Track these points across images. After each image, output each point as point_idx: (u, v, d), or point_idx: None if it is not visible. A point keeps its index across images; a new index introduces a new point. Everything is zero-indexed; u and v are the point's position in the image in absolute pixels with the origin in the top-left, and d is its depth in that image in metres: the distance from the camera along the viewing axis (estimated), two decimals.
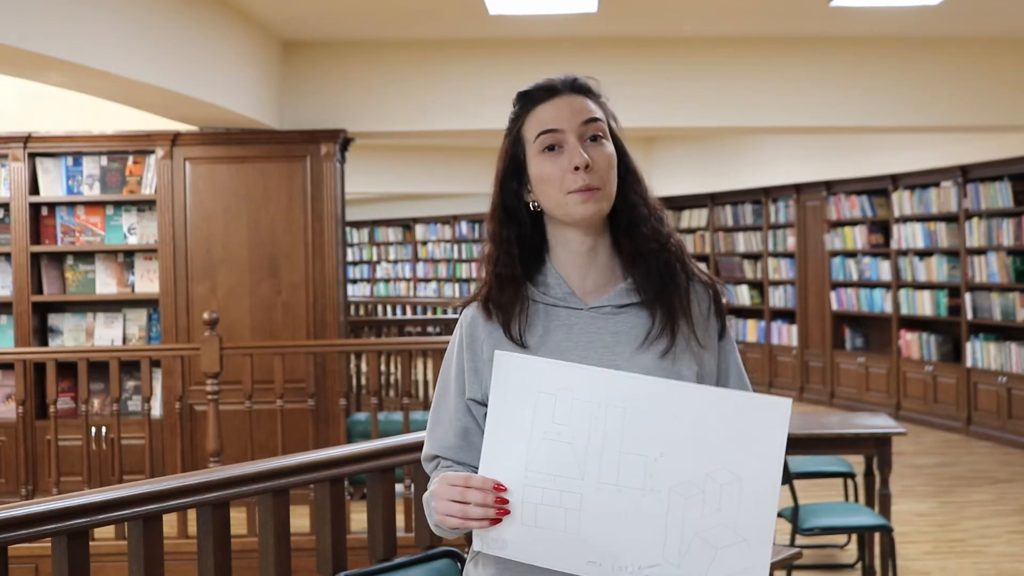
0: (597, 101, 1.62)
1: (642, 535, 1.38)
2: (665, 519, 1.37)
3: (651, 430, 1.38)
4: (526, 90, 1.62)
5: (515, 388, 1.43)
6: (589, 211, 1.55)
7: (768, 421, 1.36)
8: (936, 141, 8.72)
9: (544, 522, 1.41)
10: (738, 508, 1.36)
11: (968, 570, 5.17)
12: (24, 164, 6.34)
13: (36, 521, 2.22)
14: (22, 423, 5.60)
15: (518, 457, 1.42)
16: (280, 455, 3.57)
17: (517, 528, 1.43)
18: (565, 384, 1.41)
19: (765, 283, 11.19)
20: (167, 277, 6.39)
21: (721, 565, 1.36)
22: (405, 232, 16.15)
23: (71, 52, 4.10)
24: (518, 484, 1.42)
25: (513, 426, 1.43)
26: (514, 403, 1.43)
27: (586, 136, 1.56)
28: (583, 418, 1.40)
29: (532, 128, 1.58)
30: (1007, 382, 8.21)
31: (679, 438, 1.37)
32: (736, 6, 6.07)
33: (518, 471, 1.42)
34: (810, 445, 4.84)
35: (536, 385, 1.42)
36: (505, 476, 1.43)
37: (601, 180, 1.55)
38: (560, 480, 1.40)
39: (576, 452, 1.40)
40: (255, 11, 5.89)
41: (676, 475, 1.37)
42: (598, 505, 1.39)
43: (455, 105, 6.74)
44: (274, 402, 5.21)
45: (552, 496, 1.40)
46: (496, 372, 1.45)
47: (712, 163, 11.34)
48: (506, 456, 1.43)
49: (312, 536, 4.66)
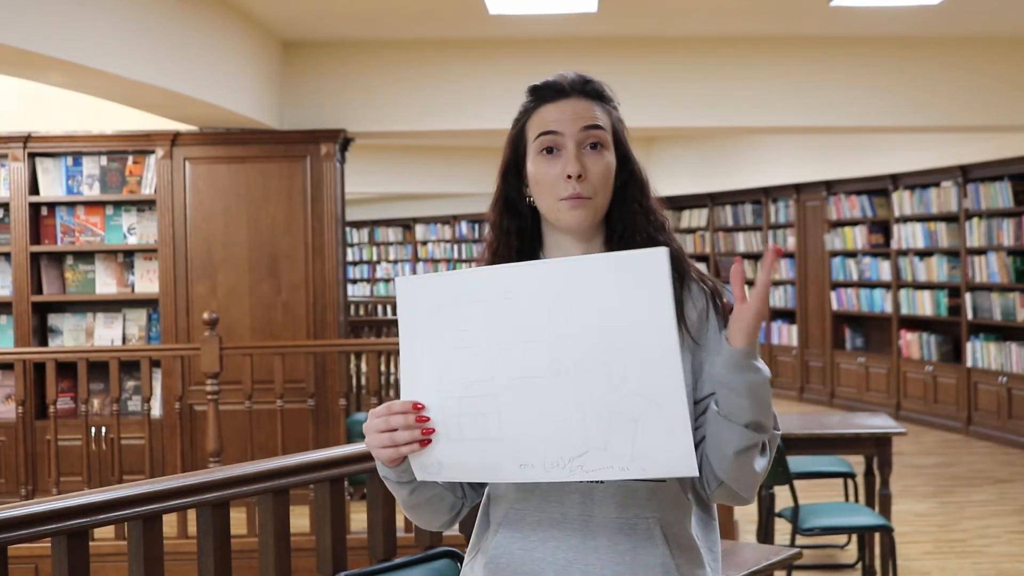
0: (605, 106, 1.60)
1: (563, 425, 1.37)
2: (579, 402, 1.36)
3: (542, 314, 1.38)
4: (537, 85, 1.61)
5: (418, 309, 1.44)
6: (577, 219, 1.54)
7: (649, 274, 1.34)
8: (936, 141, 8.72)
9: (469, 433, 1.41)
10: (644, 372, 1.34)
11: (968, 570, 5.17)
12: (24, 164, 6.34)
13: (36, 521, 2.21)
14: (22, 423, 5.60)
15: (432, 375, 1.43)
16: (280, 455, 3.57)
17: (445, 446, 1.43)
18: (460, 291, 1.42)
19: None
20: (167, 277, 6.39)
21: (644, 436, 1.35)
22: (405, 232, 16.16)
23: (71, 52, 4.10)
24: (436, 401, 1.43)
25: (423, 346, 1.44)
26: (420, 324, 1.44)
27: (586, 143, 1.55)
28: (480, 319, 1.40)
29: (535, 126, 1.58)
30: (1007, 382, 8.21)
31: (570, 314, 1.37)
32: (736, 6, 6.07)
33: (434, 388, 1.43)
34: (810, 445, 4.84)
35: (436, 300, 1.43)
36: (423, 396, 1.44)
37: (593, 190, 1.54)
38: (473, 386, 1.41)
39: (481, 355, 1.40)
40: (255, 11, 5.89)
41: (578, 353, 1.36)
42: (513, 403, 1.39)
43: (455, 105, 6.74)
44: (274, 402, 5.21)
45: (469, 404, 1.41)
46: (399, 299, 1.46)
47: (712, 163, 11.34)
48: (421, 377, 1.44)
49: (312, 536, 4.66)
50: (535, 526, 1.53)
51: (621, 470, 1.36)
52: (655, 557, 1.50)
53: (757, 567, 3.13)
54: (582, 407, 1.36)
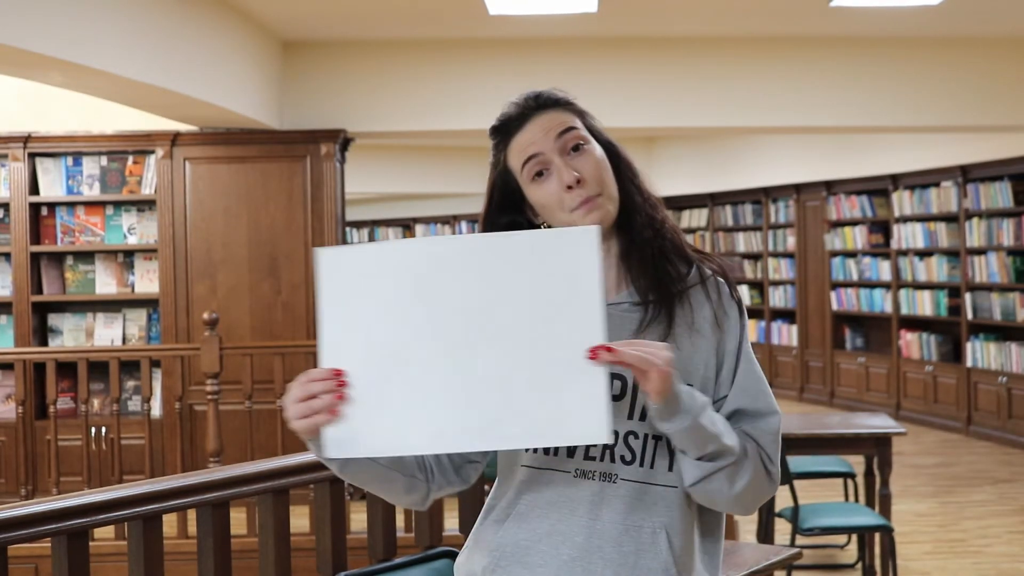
0: (567, 108, 1.60)
1: (481, 392, 1.39)
2: (502, 369, 1.38)
3: (473, 285, 1.39)
4: (496, 125, 1.60)
5: (342, 279, 1.44)
6: (596, 221, 1.53)
7: (578, 251, 1.38)
8: (936, 141, 8.72)
9: (389, 402, 1.41)
10: (567, 343, 1.37)
11: (968, 570, 5.17)
12: (24, 164, 6.34)
13: (36, 521, 2.22)
14: (22, 423, 5.60)
15: (354, 343, 1.43)
16: (280, 455, 3.57)
17: (364, 417, 1.42)
18: (386, 262, 1.43)
19: (765, 283, 11.19)
20: (167, 277, 6.39)
21: (562, 403, 1.37)
22: (405, 232, 16.15)
23: (71, 52, 4.10)
24: (359, 370, 1.42)
25: (345, 316, 1.44)
26: (343, 294, 1.44)
27: (567, 149, 1.54)
28: (408, 290, 1.41)
29: (515, 158, 1.57)
30: (1007, 382, 8.21)
31: (499, 286, 1.39)
32: (736, 6, 6.07)
33: (357, 358, 1.43)
34: (810, 445, 4.83)
35: (359, 270, 1.43)
36: (345, 364, 1.43)
37: (598, 185, 1.54)
38: (397, 354, 1.41)
39: (409, 322, 1.41)
40: (255, 11, 5.89)
41: (504, 323, 1.39)
42: (437, 372, 1.40)
43: (455, 105, 6.74)
44: (274, 402, 5.20)
45: (392, 373, 1.41)
46: (320, 270, 1.45)
47: (712, 163, 11.34)
48: (343, 346, 1.44)
49: (312, 536, 4.65)
50: (542, 520, 1.53)
51: (537, 436, 1.38)
52: (658, 563, 1.51)
53: (757, 567, 3.13)
54: (504, 374, 1.38)
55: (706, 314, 1.57)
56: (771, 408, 1.57)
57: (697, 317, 1.56)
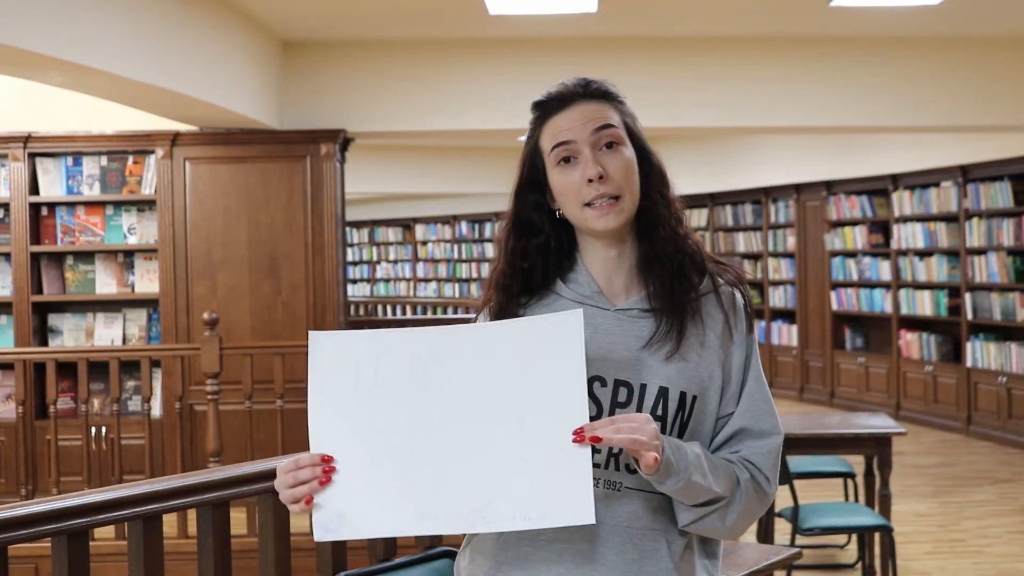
0: (613, 104, 1.59)
1: (469, 475, 1.41)
2: (488, 453, 1.41)
3: (463, 371, 1.43)
4: (541, 100, 1.60)
5: (334, 364, 1.47)
6: (607, 225, 1.53)
7: (564, 335, 1.42)
8: (936, 141, 8.72)
9: (377, 485, 1.44)
10: (555, 427, 1.40)
11: (968, 570, 5.17)
12: (24, 164, 6.34)
13: (36, 521, 2.22)
14: (22, 423, 5.60)
15: (345, 428, 1.46)
16: (280, 455, 3.57)
17: (351, 497, 1.45)
18: (382, 348, 1.46)
19: (765, 283, 11.19)
20: (167, 277, 6.39)
21: (548, 484, 1.39)
22: (405, 232, 16.16)
23: (71, 52, 4.10)
24: (347, 452, 1.45)
25: (336, 401, 1.46)
26: (333, 378, 1.47)
27: (600, 144, 1.54)
28: (400, 376, 1.45)
29: (547, 139, 1.57)
30: (1007, 382, 8.21)
31: (488, 373, 1.43)
32: (736, 6, 6.07)
33: (347, 440, 1.45)
34: (810, 445, 4.83)
35: (354, 356, 1.46)
36: (334, 448, 1.45)
37: (618, 188, 1.53)
38: (387, 438, 1.44)
39: (398, 408, 1.44)
40: (255, 11, 5.89)
41: (495, 409, 1.42)
42: (426, 454, 1.43)
43: (455, 105, 6.74)
44: (274, 402, 5.21)
45: (381, 455, 1.44)
46: (312, 353, 1.47)
47: (712, 163, 11.34)
48: (333, 430, 1.46)
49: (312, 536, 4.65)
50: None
51: (523, 519, 1.40)
52: (660, 568, 1.51)
53: (757, 567, 3.13)
54: (491, 457, 1.41)
55: (716, 327, 1.57)
56: (775, 429, 1.57)
57: (707, 329, 1.56)
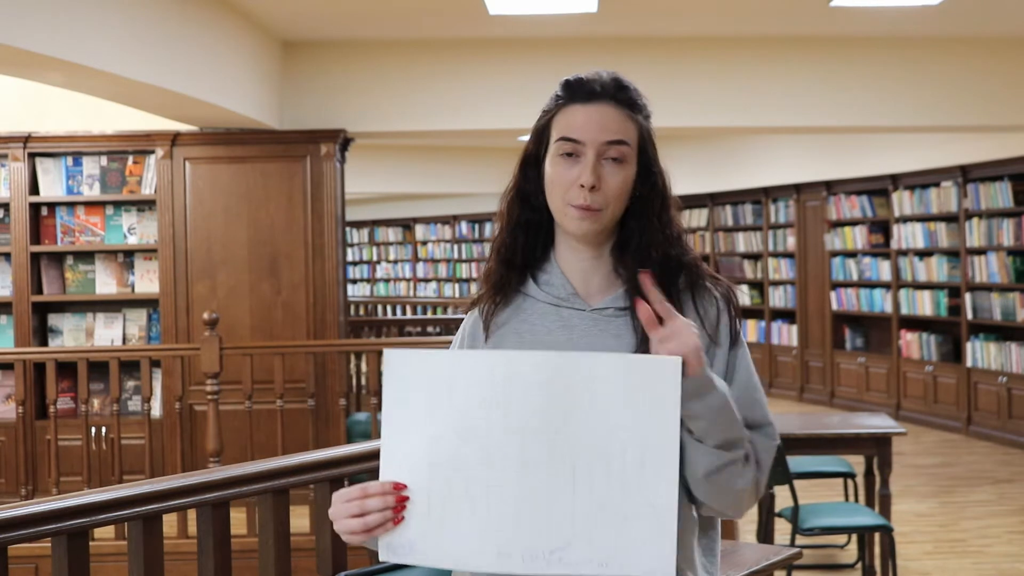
0: (635, 116, 1.57)
1: (550, 515, 1.36)
2: (572, 494, 1.36)
3: (549, 404, 1.37)
4: (570, 81, 1.58)
5: (409, 384, 1.41)
6: (583, 229, 1.53)
7: (661, 381, 1.35)
8: (936, 141, 8.72)
9: (452, 515, 1.38)
10: (641, 473, 1.35)
11: (968, 570, 5.17)
12: (24, 164, 6.34)
13: (36, 521, 2.21)
14: (22, 423, 5.60)
15: (420, 453, 1.40)
16: (280, 455, 3.57)
17: (424, 527, 1.39)
18: (459, 371, 1.39)
19: (765, 283, 11.19)
20: (167, 277, 6.39)
21: (631, 534, 1.35)
22: (405, 232, 16.15)
23: (71, 52, 4.10)
24: (422, 479, 1.39)
25: (411, 423, 1.41)
26: (410, 398, 1.41)
27: (607, 155, 1.53)
28: (481, 402, 1.38)
29: (559, 127, 1.55)
30: (1007, 382, 8.21)
31: (577, 408, 1.36)
32: (736, 6, 6.07)
33: (421, 467, 1.39)
34: (810, 445, 4.83)
35: (430, 377, 1.40)
36: (408, 475, 1.40)
37: (604, 202, 1.52)
38: (465, 468, 1.38)
39: (478, 437, 1.38)
40: (255, 11, 5.89)
41: (578, 446, 1.36)
42: (504, 488, 1.37)
43: (455, 105, 6.74)
44: (274, 402, 5.21)
45: (458, 487, 1.38)
46: (387, 371, 1.42)
47: (712, 163, 11.34)
48: (407, 455, 1.40)
49: (312, 536, 4.65)
50: None
51: (600, 565, 1.36)
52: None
53: (757, 567, 3.12)
54: (574, 499, 1.36)
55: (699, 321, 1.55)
56: (766, 419, 1.56)
57: (708, 314, 1.56)
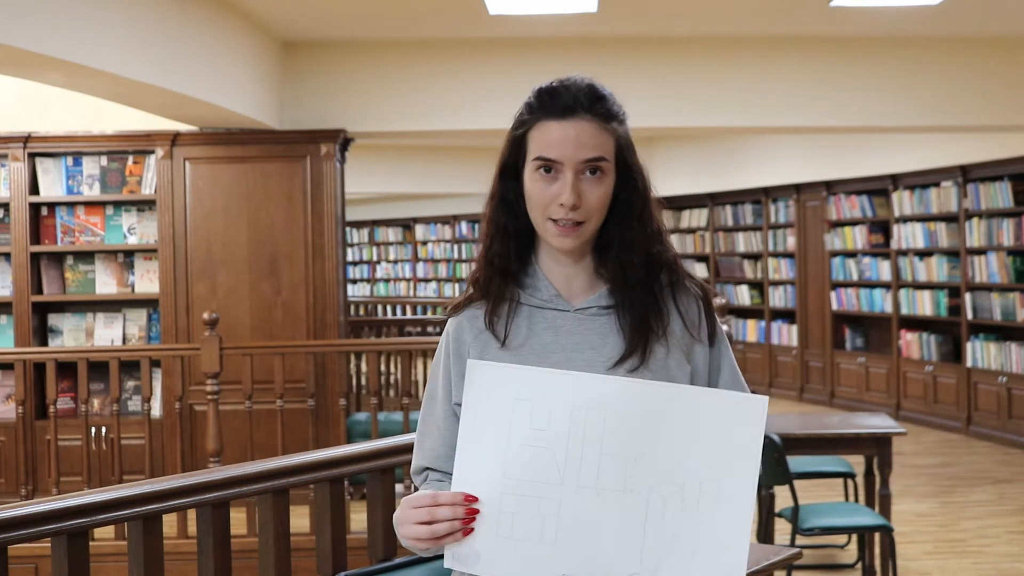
0: (611, 126, 1.53)
1: (620, 541, 1.36)
2: (644, 522, 1.36)
3: (629, 431, 1.37)
4: (542, 93, 1.54)
5: (489, 396, 1.41)
6: (566, 245, 1.53)
7: (745, 419, 1.35)
8: (936, 141, 8.72)
9: (521, 532, 1.38)
10: (715, 508, 1.35)
11: (968, 570, 5.17)
12: (24, 164, 6.34)
13: (36, 521, 2.21)
14: (22, 423, 5.60)
15: (495, 466, 1.40)
16: (280, 455, 3.57)
17: (491, 540, 1.40)
18: (541, 389, 1.39)
19: (765, 283, 11.19)
20: (167, 277, 6.39)
21: (698, 569, 1.35)
22: (405, 232, 16.16)
23: (71, 52, 4.10)
24: (495, 493, 1.40)
25: (488, 435, 1.41)
26: (489, 412, 1.41)
27: (585, 170, 1.51)
28: (561, 422, 1.38)
29: (535, 144, 1.53)
30: (1007, 382, 8.21)
31: (657, 438, 1.36)
32: (736, 6, 6.07)
33: (495, 480, 1.40)
34: (810, 445, 4.83)
35: (511, 392, 1.40)
36: (481, 487, 1.41)
37: (587, 215, 1.51)
38: (539, 486, 1.38)
39: (555, 457, 1.38)
40: (255, 11, 5.89)
41: (655, 475, 1.36)
42: (577, 511, 1.37)
43: (455, 105, 6.74)
44: (274, 402, 5.21)
45: (530, 504, 1.38)
46: (469, 382, 1.42)
47: (712, 163, 11.34)
48: (482, 466, 1.41)
49: (312, 536, 4.65)
50: None
51: None
52: None
53: (757, 567, 3.13)
54: (645, 528, 1.35)
55: (679, 319, 1.57)
56: None
57: (671, 320, 1.56)
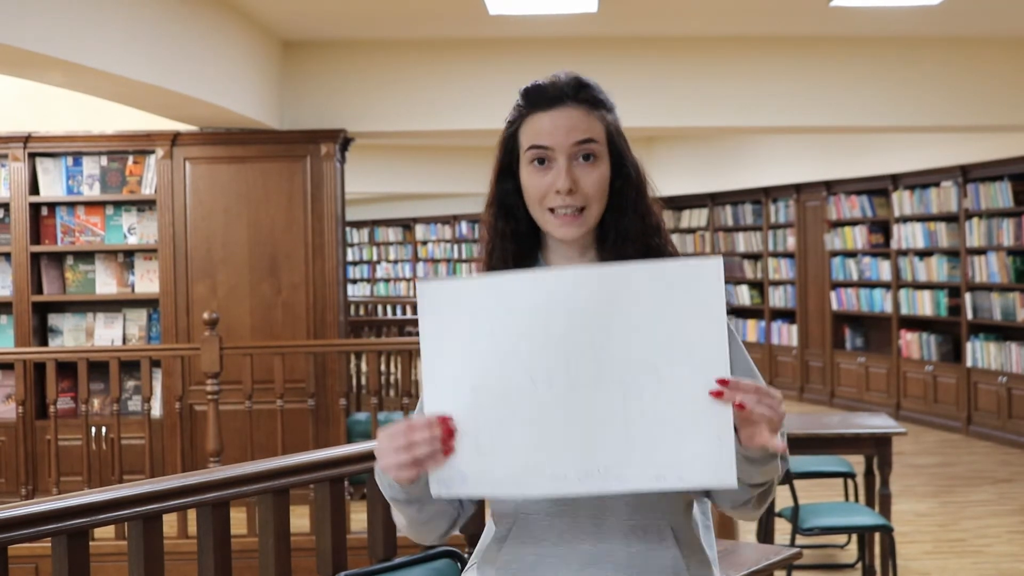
0: (600, 113, 1.56)
1: (603, 432, 1.33)
2: (623, 409, 1.32)
3: (591, 319, 1.33)
4: (529, 90, 1.57)
5: (445, 314, 1.38)
6: (570, 234, 1.53)
7: (703, 284, 1.31)
8: (936, 141, 8.72)
9: (502, 443, 1.35)
10: (692, 380, 1.31)
11: (968, 570, 5.17)
12: (24, 164, 6.34)
13: (36, 521, 2.21)
14: (22, 423, 5.60)
15: (463, 383, 1.37)
16: (280, 455, 3.57)
17: (474, 457, 1.36)
18: (495, 297, 1.36)
19: (765, 283, 11.19)
20: (167, 277, 6.39)
21: (686, 444, 1.32)
22: (405, 232, 16.16)
23: (72, 52, 4.10)
24: (468, 410, 1.36)
25: (451, 353, 1.38)
26: (448, 330, 1.37)
27: (578, 155, 1.52)
28: (522, 325, 1.35)
29: (526, 136, 1.55)
30: (1007, 382, 8.21)
31: (620, 321, 1.33)
32: (736, 6, 6.07)
33: (466, 397, 1.37)
34: (810, 445, 4.83)
35: (466, 306, 1.37)
36: (453, 406, 1.37)
37: (586, 200, 1.52)
38: (511, 394, 1.35)
39: (522, 361, 1.35)
40: (255, 11, 5.89)
41: (626, 360, 1.33)
42: (555, 409, 1.34)
43: (455, 105, 6.74)
44: (274, 402, 5.21)
45: (506, 413, 1.35)
46: (422, 304, 1.39)
47: (712, 163, 11.34)
48: (450, 387, 1.38)
49: (312, 536, 4.65)
50: (547, 531, 1.51)
51: (657, 479, 1.33)
52: (667, 559, 1.50)
53: (757, 567, 3.13)
54: (626, 414, 1.32)
55: None
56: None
57: None
